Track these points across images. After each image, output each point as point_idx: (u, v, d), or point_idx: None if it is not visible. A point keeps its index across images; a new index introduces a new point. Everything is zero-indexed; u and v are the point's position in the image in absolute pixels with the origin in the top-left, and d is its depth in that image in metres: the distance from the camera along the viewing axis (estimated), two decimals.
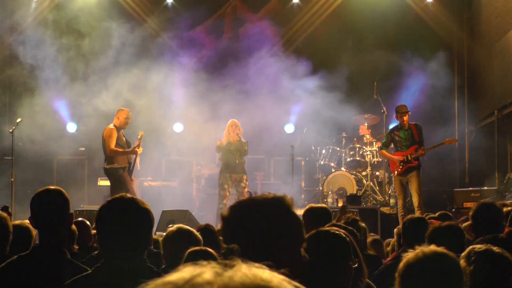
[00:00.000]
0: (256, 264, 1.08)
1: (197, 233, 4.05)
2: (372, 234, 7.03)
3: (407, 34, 14.24)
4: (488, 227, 4.50)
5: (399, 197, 10.34)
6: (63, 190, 3.22)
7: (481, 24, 13.37)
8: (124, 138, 9.92)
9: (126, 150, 9.72)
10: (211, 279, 1.02)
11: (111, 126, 9.77)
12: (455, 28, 14.44)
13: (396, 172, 10.25)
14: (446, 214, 7.03)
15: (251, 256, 1.45)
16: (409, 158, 10.11)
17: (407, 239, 4.69)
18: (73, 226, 4.53)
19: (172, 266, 3.53)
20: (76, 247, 4.84)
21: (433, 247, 2.38)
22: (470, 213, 4.75)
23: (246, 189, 10.42)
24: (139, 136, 9.84)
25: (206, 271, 1.04)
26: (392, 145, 10.50)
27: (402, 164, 10.16)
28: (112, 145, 9.58)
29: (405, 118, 10.14)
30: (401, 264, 2.36)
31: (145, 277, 1.12)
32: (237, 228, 1.90)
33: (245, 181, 10.46)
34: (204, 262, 1.08)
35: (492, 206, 4.78)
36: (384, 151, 10.52)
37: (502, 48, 11.77)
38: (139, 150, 9.81)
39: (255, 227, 1.86)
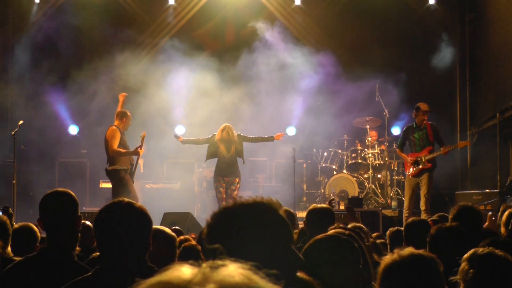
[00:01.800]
0: (244, 265, 1.09)
1: (169, 231, 4.07)
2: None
3: (409, 37, 14.24)
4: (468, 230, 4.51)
5: (406, 198, 10.34)
6: (72, 193, 3.23)
7: (483, 26, 13.37)
8: (125, 140, 9.90)
9: (128, 151, 9.71)
10: (201, 279, 1.03)
11: (114, 127, 9.74)
12: (457, 31, 14.44)
13: (409, 174, 10.24)
14: (444, 216, 7.01)
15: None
16: (423, 160, 10.10)
17: (409, 241, 4.68)
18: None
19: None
20: (79, 249, 4.84)
21: (410, 249, 2.40)
22: (450, 216, 4.78)
23: (236, 192, 10.37)
24: (141, 137, 9.81)
25: (195, 271, 1.05)
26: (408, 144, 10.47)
27: (415, 166, 10.15)
28: (115, 145, 9.54)
29: (425, 117, 10.14)
30: (380, 267, 2.38)
31: (146, 276, 1.13)
32: (221, 234, 1.88)
33: (236, 184, 10.39)
34: (193, 262, 1.10)
35: (472, 209, 4.87)
36: (399, 151, 10.51)
37: (504, 51, 11.76)
38: (141, 151, 9.80)
39: (239, 233, 1.86)
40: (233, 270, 1.06)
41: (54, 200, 3.17)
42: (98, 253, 4.45)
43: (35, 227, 4.72)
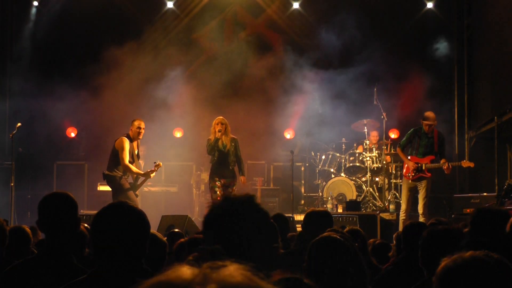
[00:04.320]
0: (244, 266, 1.09)
1: (161, 236, 4.10)
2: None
3: (408, 40, 14.26)
4: (488, 233, 4.46)
5: (403, 201, 10.32)
6: (71, 195, 3.23)
7: (482, 30, 13.39)
8: (136, 151, 9.76)
9: (139, 172, 9.60)
10: (202, 279, 1.04)
11: (123, 137, 9.57)
12: (456, 34, 14.46)
13: (408, 177, 10.22)
14: (441, 220, 7.01)
15: (229, 254, 1.61)
16: (423, 168, 10.08)
17: (407, 244, 4.69)
18: (84, 230, 4.52)
19: None
20: (88, 250, 4.84)
21: (472, 252, 2.36)
22: (469, 219, 4.70)
23: (233, 193, 10.13)
24: (155, 165, 9.66)
25: (196, 271, 1.06)
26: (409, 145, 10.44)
27: (415, 171, 10.12)
28: (126, 159, 9.41)
29: (432, 127, 10.12)
30: (439, 269, 2.34)
31: (143, 278, 1.13)
32: (215, 227, 2.07)
33: (233, 186, 10.10)
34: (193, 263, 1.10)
35: (492, 211, 4.75)
36: (400, 150, 10.43)
37: (502, 55, 11.78)
38: (152, 175, 9.73)
39: (231, 225, 2.05)
40: (234, 270, 1.06)
41: (53, 203, 3.17)
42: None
43: (28, 229, 4.71)
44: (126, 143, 9.47)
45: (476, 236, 4.35)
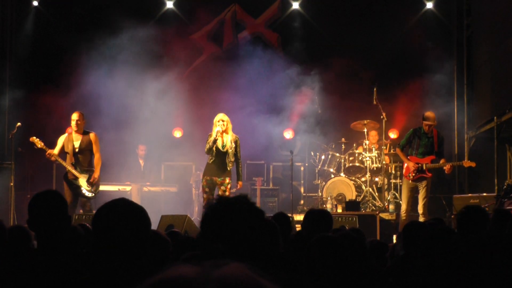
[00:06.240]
0: (244, 264, 1.09)
1: (164, 234, 4.10)
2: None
3: (407, 41, 14.26)
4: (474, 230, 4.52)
5: (404, 201, 10.31)
6: (61, 193, 3.23)
7: (481, 30, 13.39)
8: (78, 142, 10.36)
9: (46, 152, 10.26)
10: (203, 277, 1.04)
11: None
12: (455, 35, 14.46)
13: (409, 178, 10.21)
14: (439, 220, 7.01)
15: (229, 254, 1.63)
16: (424, 168, 10.08)
17: (407, 244, 4.69)
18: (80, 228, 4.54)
19: None
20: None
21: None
22: (455, 215, 4.79)
23: (227, 193, 9.53)
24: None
25: (197, 269, 1.06)
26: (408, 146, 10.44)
27: (415, 172, 10.12)
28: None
29: (432, 127, 10.14)
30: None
31: (144, 276, 1.12)
32: (210, 229, 2.08)
33: (226, 184, 9.56)
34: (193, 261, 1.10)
35: (479, 209, 4.85)
36: (400, 151, 10.43)
37: (502, 54, 11.78)
38: (47, 155, 10.27)
39: (225, 226, 2.06)
40: (235, 268, 1.06)
41: (42, 201, 3.16)
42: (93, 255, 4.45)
43: (28, 228, 4.71)
44: (59, 138, 10.40)
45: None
